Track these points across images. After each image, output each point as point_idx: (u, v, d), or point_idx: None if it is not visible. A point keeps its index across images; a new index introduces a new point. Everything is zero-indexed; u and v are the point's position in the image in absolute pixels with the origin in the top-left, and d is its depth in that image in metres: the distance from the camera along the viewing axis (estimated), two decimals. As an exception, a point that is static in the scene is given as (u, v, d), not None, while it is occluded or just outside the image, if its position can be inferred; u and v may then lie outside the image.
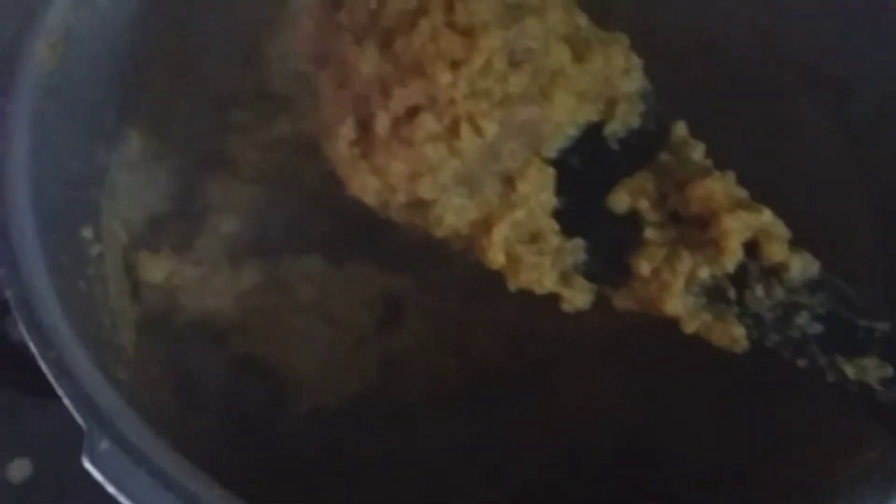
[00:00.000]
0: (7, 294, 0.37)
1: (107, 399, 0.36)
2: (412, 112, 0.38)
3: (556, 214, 0.41)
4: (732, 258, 0.39)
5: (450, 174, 0.39)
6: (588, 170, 0.41)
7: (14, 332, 0.55)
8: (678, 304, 0.39)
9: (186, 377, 0.49)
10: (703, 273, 0.39)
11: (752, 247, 0.39)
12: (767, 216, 0.39)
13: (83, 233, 0.45)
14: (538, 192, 0.40)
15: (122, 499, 0.34)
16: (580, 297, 0.41)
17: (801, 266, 0.38)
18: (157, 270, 0.49)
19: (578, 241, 0.41)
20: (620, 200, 0.41)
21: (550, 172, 0.41)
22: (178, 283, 0.49)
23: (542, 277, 0.40)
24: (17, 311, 0.37)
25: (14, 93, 0.41)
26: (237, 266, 0.50)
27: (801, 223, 0.39)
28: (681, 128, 0.42)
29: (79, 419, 0.35)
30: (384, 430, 0.49)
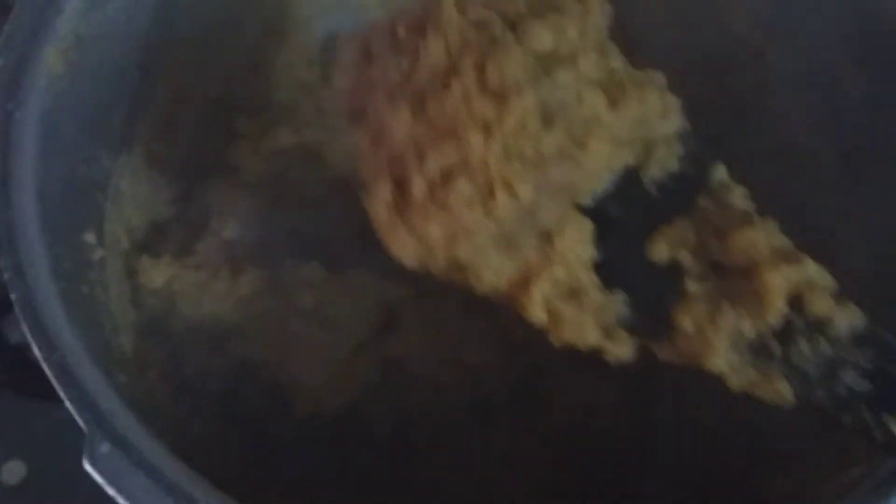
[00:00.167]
0: (11, 297, 0.37)
1: (108, 402, 0.36)
2: (447, 175, 0.37)
3: (596, 266, 0.40)
4: (776, 313, 0.38)
5: (487, 236, 0.38)
6: (626, 217, 0.40)
7: (12, 334, 0.56)
8: (722, 362, 0.38)
9: (185, 381, 0.49)
10: (747, 328, 0.38)
11: (797, 299, 0.38)
12: (811, 268, 0.38)
13: (86, 237, 0.45)
14: (577, 247, 0.39)
15: (122, 501, 0.34)
16: (623, 351, 0.40)
17: (847, 320, 0.37)
18: (158, 275, 0.49)
19: (620, 295, 0.40)
20: (660, 251, 0.40)
21: (588, 226, 0.40)
22: (179, 289, 0.49)
23: (585, 333, 0.39)
24: (21, 314, 0.37)
25: (23, 98, 0.41)
26: (237, 272, 0.51)
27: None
28: (720, 171, 0.41)
29: (80, 421, 0.35)
30: (380, 436, 0.49)
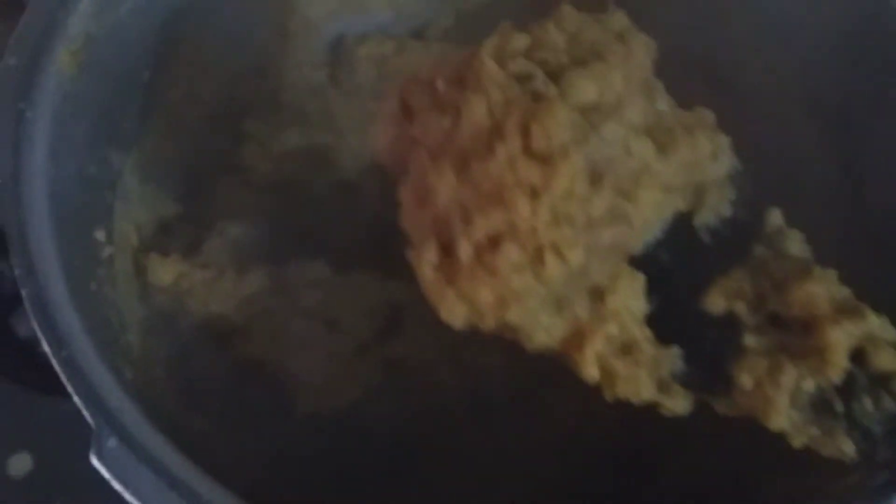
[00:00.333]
0: (22, 293, 0.38)
1: (115, 398, 0.37)
2: (494, 240, 0.36)
3: (650, 318, 0.39)
4: (838, 370, 0.36)
5: (537, 300, 0.37)
6: (679, 266, 0.39)
7: (21, 328, 0.56)
8: (783, 420, 0.37)
9: (190, 378, 0.49)
10: (808, 385, 0.37)
11: (859, 353, 0.37)
12: (873, 322, 0.37)
13: (96, 235, 0.46)
14: (629, 302, 0.38)
15: (128, 496, 0.35)
16: (680, 405, 0.39)
17: None
18: (166, 273, 0.49)
19: (674, 350, 0.39)
20: (716, 303, 0.39)
21: (640, 280, 0.39)
22: (186, 287, 0.50)
23: (640, 388, 0.38)
24: (32, 311, 0.37)
25: (35, 98, 0.42)
26: (243, 271, 0.51)
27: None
28: (776, 216, 0.40)
29: (88, 417, 0.36)
30: (382, 437, 0.49)
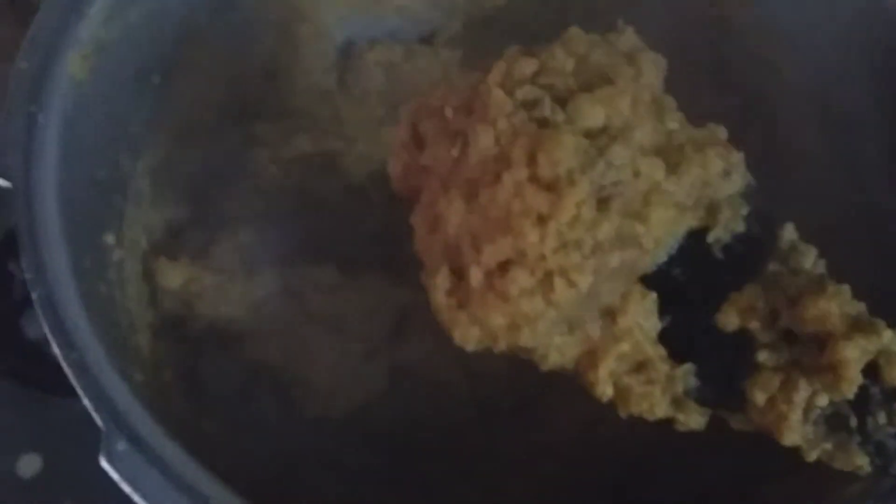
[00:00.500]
0: (32, 296, 0.38)
1: (124, 401, 0.37)
2: (504, 266, 0.37)
3: (663, 335, 0.39)
4: (851, 386, 0.36)
5: (548, 323, 0.37)
6: (693, 283, 0.39)
7: (30, 331, 0.57)
8: (797, 436, 0.37)
9: (198, 381, 0.50)
10: (822, 401, 0.37)
11: (873, 367, 0.37)
12: (887, 337, 0.37)
13: (106, 238, 0.46)
14: (641, 322, 0.39)
15: (137, 498, 0.35)
16: (694, 421, 0.39)
17: None
18: (175, 277, 0.49)
19: (688, 367, 0.39)
20: (730, 320, 0.39)
21: (652, 299, 0.39)
22: (195, 290, 0.50)
23: (654, 406, 0.39)
24: (42, 313, 0.37)
25: (46, 102, 0.42)
26: (252, 275, 0.51)
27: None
28: (789, 231, 0.40)
29: (97, 419, 0.36)
30: (388, 441, 0.50)
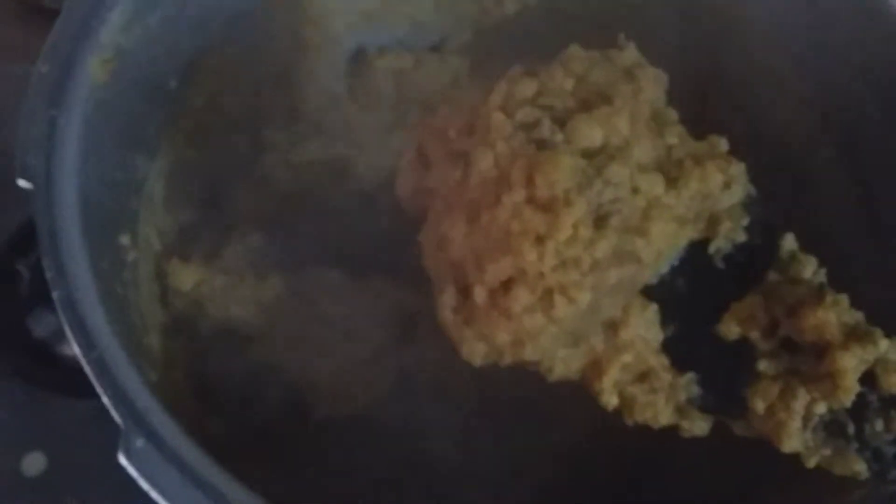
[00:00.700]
0: (53, 295, 0.38)
1: (143, 399, 0.37)
2: (507, 284, 0.37)
3: (665, 344, 0.40)
4: (849, 394, 0.37)
5: (551, 338, 0.38)
6: (694, 293, 0.40)
7: (37, 330, 0.57)
8: (796, 443, 0.38)
9: (208, 381, 0.50)
10: (820, 409, 0.38)
11: (870, 375, 0.38)
12: (883, 346, 0.38)
13: (121, 239, 0.46)
14: (643, 333, 0.40)
15: (155, 494, 0.35)
16: (698, 427, 0.41)
17: None
18: (187, 278, 0.50)
19: (690, 376, 0.40)
20: (731, 330, 0.40)
21: (653, 310, 0.40)
22: (206, 292, 0.50)
23: (658, 414, 0.40)
24: (63, 313, 0.38)
25: (67, 105, 0.42)
26: (262, 277, 0.52)
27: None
28: (790, 241, 0.41)
29: (116, 417, 0.36)
30: (394, 442, 0.50)
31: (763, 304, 0.40)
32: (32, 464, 0.56)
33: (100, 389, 0.37)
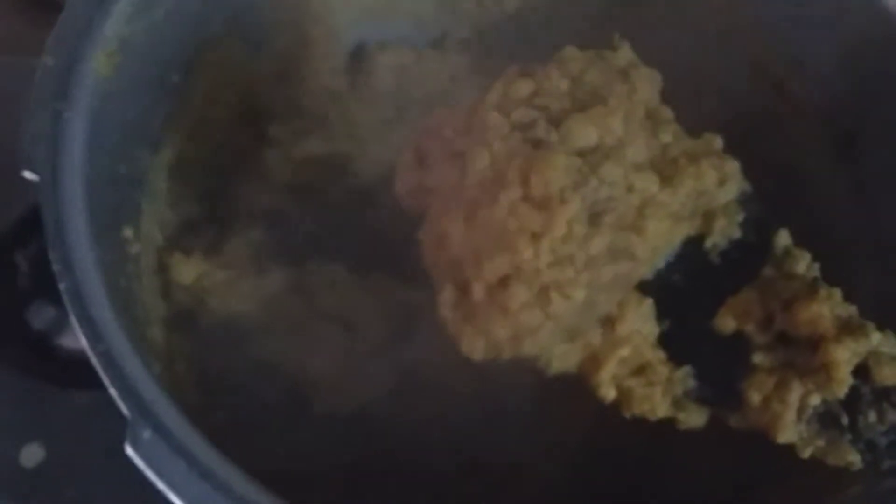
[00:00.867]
0: (60, 287, 0.38)
1: (149, 391, 0.37)
2: (504, 280, 0.38)
3: (662, 338, 0.41)
4: (842, 386, 0.38)
5: (549, 333, 0.39)
6: (690, 287, 0.41)
7: (35, 322, 0.57)
8: (791, 434, 0.39)
9: (209, 375, 0.50)
10: (814, 400, 0.39)
11: (863, 368, 0.38)
12: (875, 339, 0.38)
13: (125, 233, 0.46)
14: (639, 327, 0.41)
15: (161, 485, 0.35)
16: (694, 420, 0.41)
17: None
18: (189, 272, 0.50)
19: (687, 369, 0.41)
20: (726, 324, 0.41)
21: (649, 305, 0.41)
22: (207, 285, 0.51)
23: (655, 406, 0.41)
24: (70, 305, 0.38)
25: (71, 98, 0.42)
26: (263, 271, 0.52)
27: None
28: (783, 237, 0.41)
29: (123, 409, 0.37)
30: (394, 438, 0.50)
31: (758, 299, 0.41)
32: (31, 455, 0.56)
33: (107, 381, 0.37)
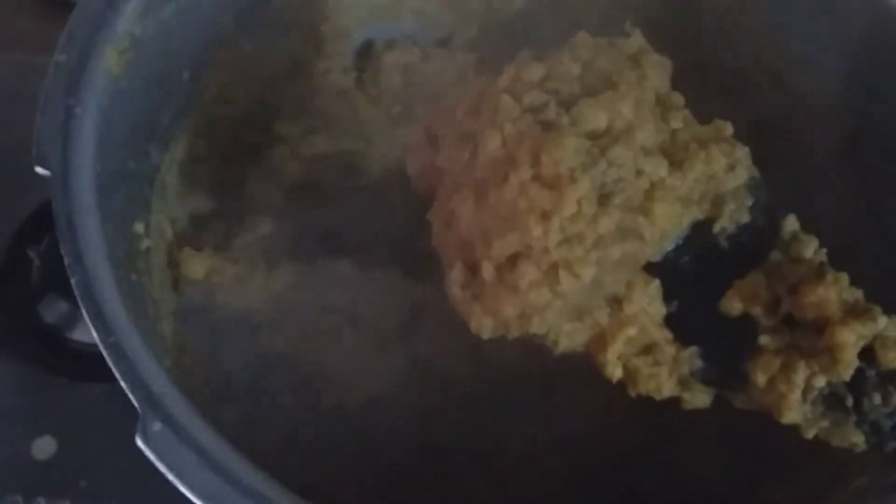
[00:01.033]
0: (71, 281, 0.39)
1: (159, 384, 0.38)
2: (513, 259, 0.38)
3: (669, 319, 0.41)
4: (848, 368, 0.38)
5: (557, 311, 0.39)
6: (698, 270, 0.41)
7: (48, 315, 0.58)
8: (796, 414, 0.39)
9: (219, 369, 0.51)
10: (820, 382, 0.39)
11: (869, 351, 0.39)
12: (882, 323, 0.38)
13: (136, 228, 0.47)
14: (646, 308, 0.41)
15: (171, 477, 0.36)
16: (700, 399, 0.42)
17: None
18: (199, 267, 0.51)
19: (693, 349, 0.41)
20: (733, 306, 0.41)
21: (656, 285, 0.41)
22: (217, 281, 0.51)
23: (661, 386, 0.41)
24: (81, 298, 0.38)
25: (83, 95, 0.43)
26: (272, 267, 0.52)
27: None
28: (791, 222, 0.42)
29: (134, 402, 0.37)
30: (403, 431, 0.51)
31: (765, 282, 0.41)
32: (43, 448, 0.56)
33: (118, 374, 0.37)
